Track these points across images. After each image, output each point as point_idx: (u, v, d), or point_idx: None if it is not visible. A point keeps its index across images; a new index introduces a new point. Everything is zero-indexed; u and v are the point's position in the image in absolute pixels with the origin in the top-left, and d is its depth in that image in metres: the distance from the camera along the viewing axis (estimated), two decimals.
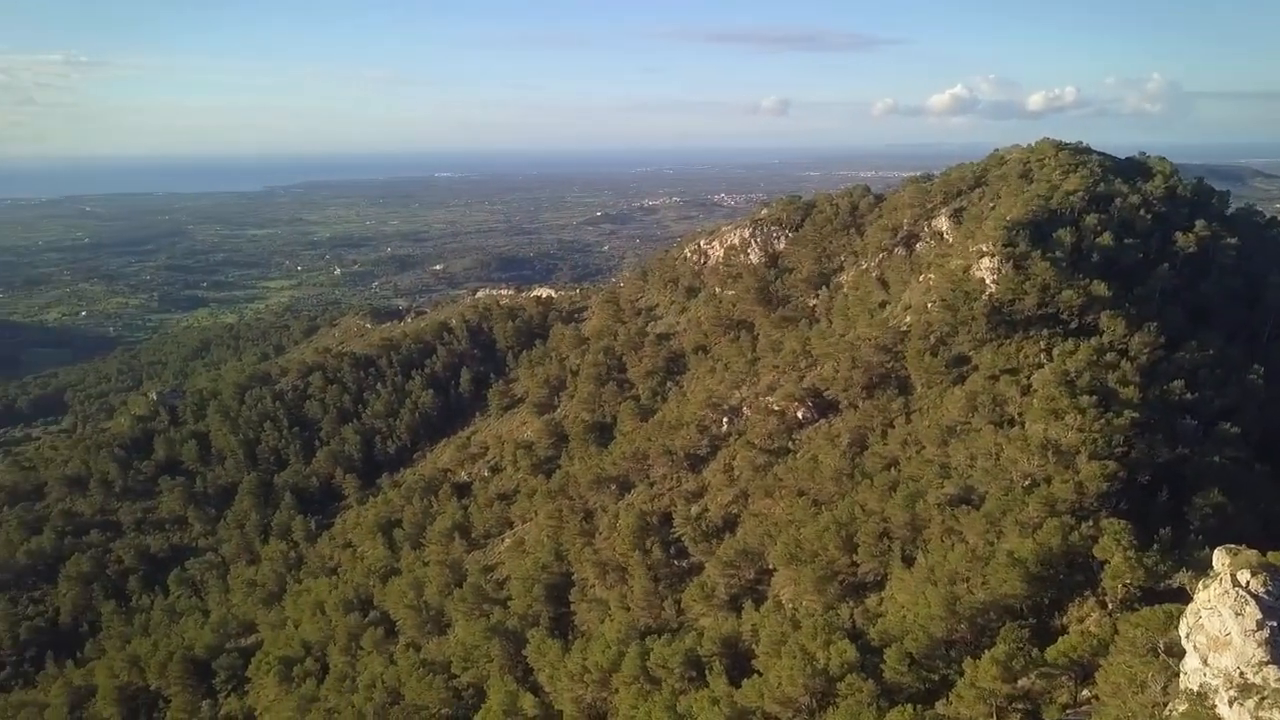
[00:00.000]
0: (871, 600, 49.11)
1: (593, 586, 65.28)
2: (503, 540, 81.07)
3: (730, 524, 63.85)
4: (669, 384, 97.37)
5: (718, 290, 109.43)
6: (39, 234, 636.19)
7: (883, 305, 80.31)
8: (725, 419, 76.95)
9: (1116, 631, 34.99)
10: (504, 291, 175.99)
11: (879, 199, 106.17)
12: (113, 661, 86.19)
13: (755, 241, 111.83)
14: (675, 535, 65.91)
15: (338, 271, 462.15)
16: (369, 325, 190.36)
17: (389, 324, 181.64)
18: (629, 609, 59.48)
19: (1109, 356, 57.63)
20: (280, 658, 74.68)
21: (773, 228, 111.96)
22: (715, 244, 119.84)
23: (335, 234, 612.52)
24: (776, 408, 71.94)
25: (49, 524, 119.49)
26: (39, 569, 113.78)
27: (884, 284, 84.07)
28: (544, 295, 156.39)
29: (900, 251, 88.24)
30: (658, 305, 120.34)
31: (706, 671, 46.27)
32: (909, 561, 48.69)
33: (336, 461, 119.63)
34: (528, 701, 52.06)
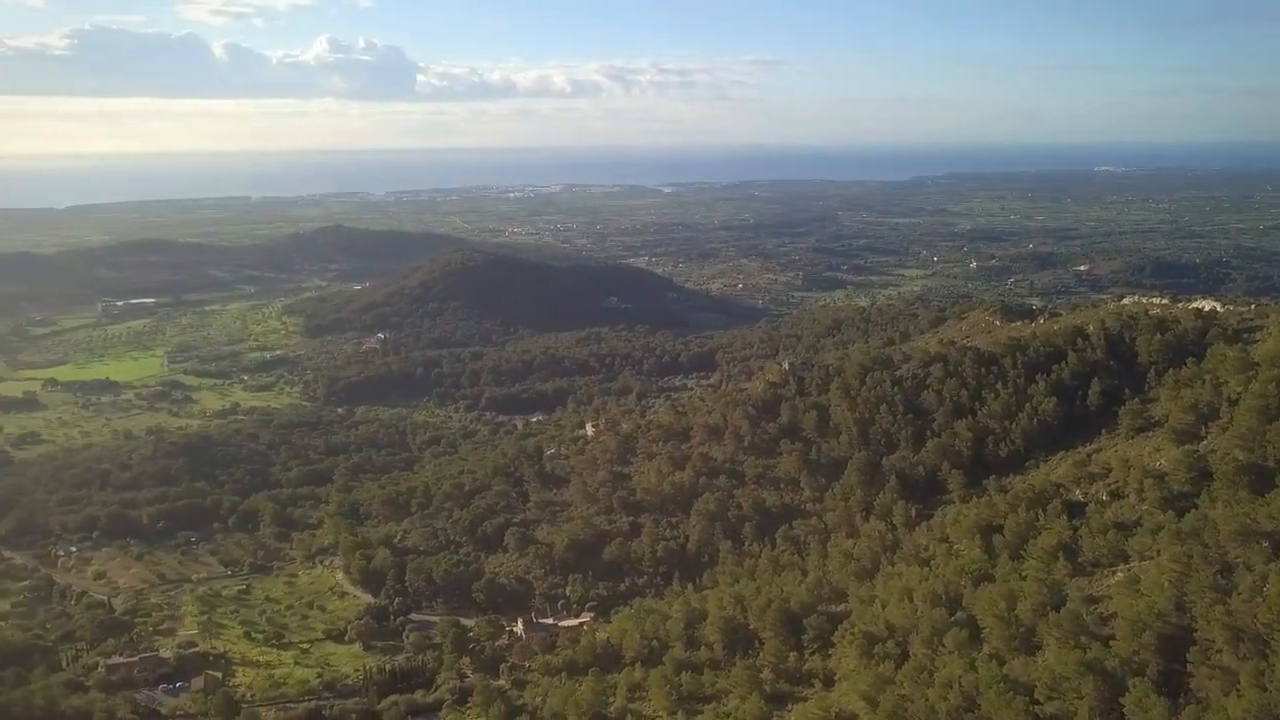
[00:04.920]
0: None
1: (1219, 651, 55.49)
2: (1114, 573, 72.98)
3: None
4: None
5: None
6: (715, 214, 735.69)
7: None
8: None
9: None
10: (1155, 300, 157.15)
11: None
12: (722, 595, 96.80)
13: None
14: None
15: (973, 264, 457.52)
16: (997, 322, 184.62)
17: (1019, 323, 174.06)
18: (1266, 689, 49.40)
19: None
20: (864, 632, 76.70)
21: None
22: None
23: (976, 226, 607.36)
24: None
25: (690, 463, 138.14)
26: (677, 500, 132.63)
27: None
28: (1205, 308, 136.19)
29: None
30: None
31: None
32: None
33: (944, 454, 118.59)
34: None
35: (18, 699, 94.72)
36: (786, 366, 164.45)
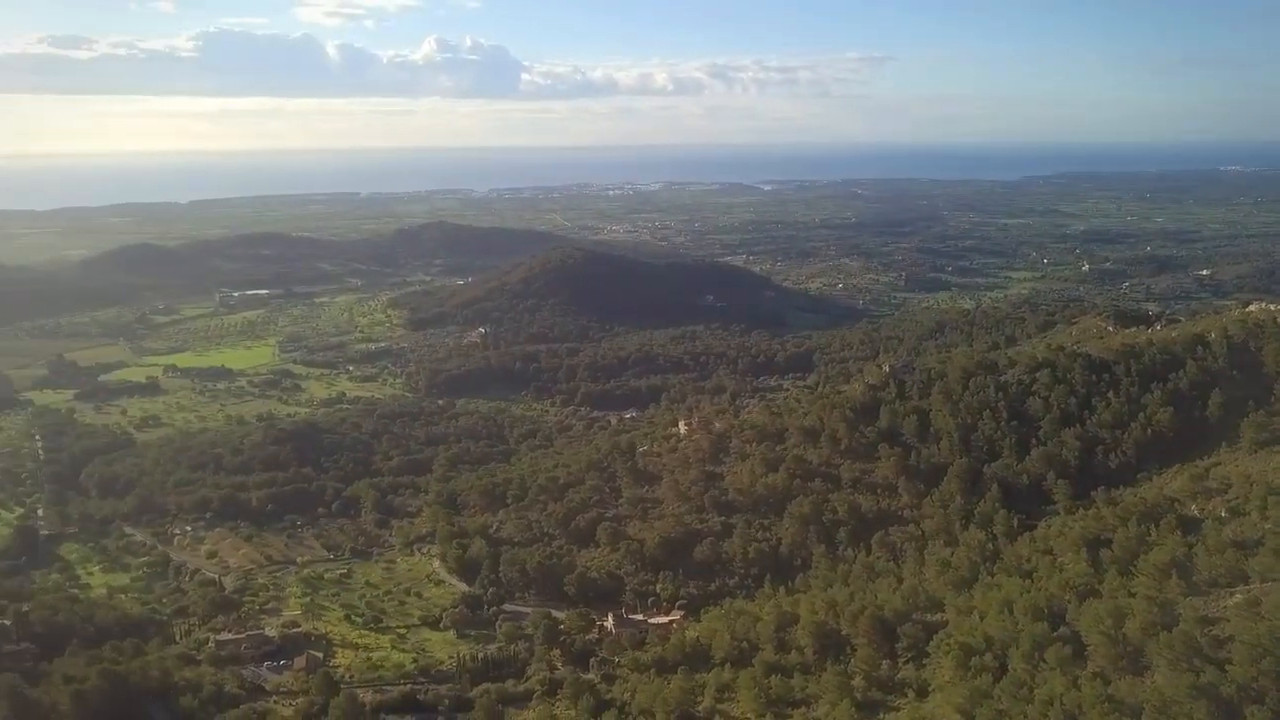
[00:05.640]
0: None
1: None
2: (1231, 594, 69.30)
3: None
4: None
5: None
6: (816, 213, 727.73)
7: None
8: None
9: None
10: None
11: None
12: (814, 599, 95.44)
13: None
14: None
15: (1086, 267, 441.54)
16: (1110, 328, 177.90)
17: (1133, 329, 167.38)
18: None
19: None
20: (961, 643, 74.59)
21: None
22: None
23: (1090, 228, 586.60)
24: None
25: (784, 465, 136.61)
26: (770, 501, 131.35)
27: None
28: None
29: None
30: None
31: None
32: None
33: (1050, 464, 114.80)
34: None
35: (136, 668, 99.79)
36: (886, 369, 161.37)
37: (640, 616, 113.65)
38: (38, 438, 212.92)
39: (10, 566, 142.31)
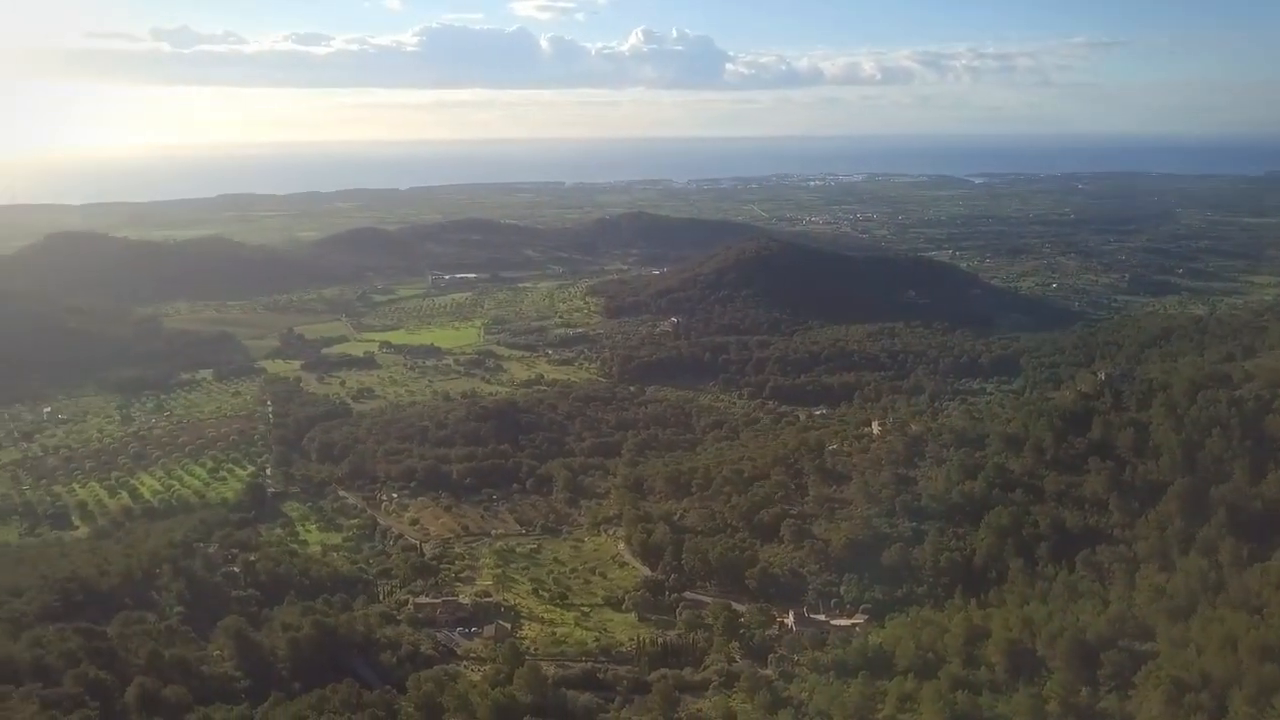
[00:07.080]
0: None
1: None
2: None
3: None
4: None
5: None
6: (1031, 207, 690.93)
7: None
8: None
9: None
10: None
11: None
12: (1008, 615, 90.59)
13: None
14: None
15: None
16: None
17: None
18: None
19: None
20: (1173, 677, 68.86)
21: None
22: None
23: None
24: None
25: (983, 473, 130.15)
26: (966, 510, 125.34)
27: None
28: None
29: None
30: None
31: None
32: None
33: None
34: None
35: (343, 623, 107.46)
36: (1102, 377, 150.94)
37: (822, 617, 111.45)
38: (269, 404, 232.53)
39: (241, 519, 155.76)
